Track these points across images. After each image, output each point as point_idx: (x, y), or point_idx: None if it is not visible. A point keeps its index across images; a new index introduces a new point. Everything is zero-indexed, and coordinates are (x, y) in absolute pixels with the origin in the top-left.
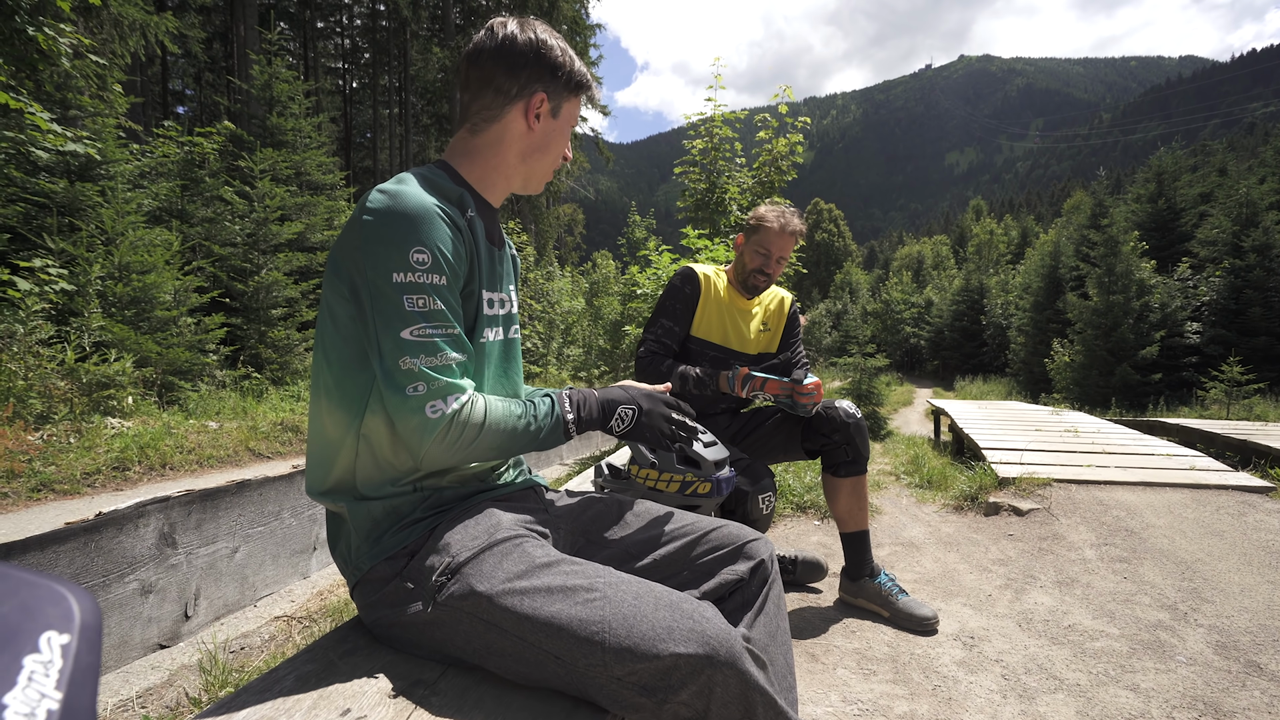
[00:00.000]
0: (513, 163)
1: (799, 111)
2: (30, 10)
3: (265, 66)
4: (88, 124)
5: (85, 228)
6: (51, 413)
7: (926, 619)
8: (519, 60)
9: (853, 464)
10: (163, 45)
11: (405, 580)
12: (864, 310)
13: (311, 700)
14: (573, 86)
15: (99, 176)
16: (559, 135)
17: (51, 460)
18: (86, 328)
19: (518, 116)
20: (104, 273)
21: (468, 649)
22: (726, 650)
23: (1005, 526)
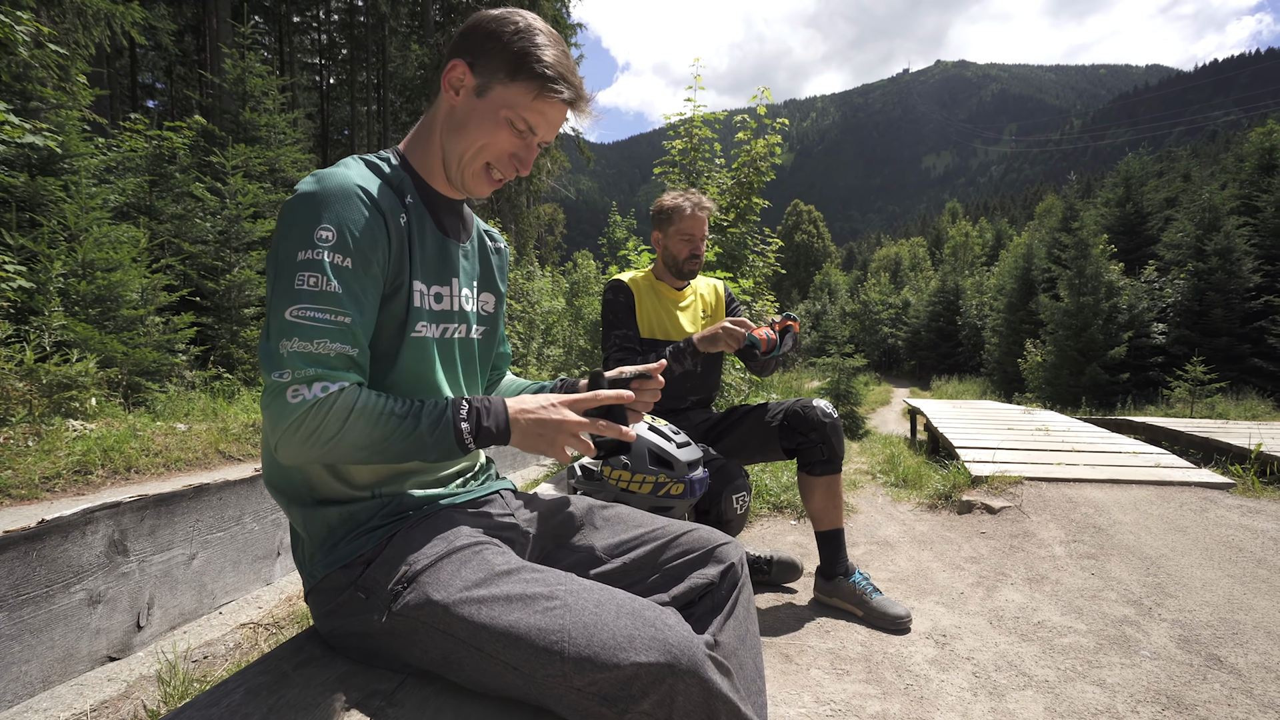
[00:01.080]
0: (438, 142)
1: (778, 113)
2: None
3: (238, 60)
4: (49, 116)
5: (47, 224)
6: (9, 415)
7: (899, 617)
8: (466, 29)
9: (828, 463)
10: (130, 37)
11: (359, 590)
12: (843, 311)
13: (261, 715)
14: (509, 67)
15: (62, 171)
16: (484, 121)
17: (8, 464)
18: (47, 327)
19: (444, 87)
20: (66, 270)
21: (425, 659)
22: (689, 659)
23: (978, 524)
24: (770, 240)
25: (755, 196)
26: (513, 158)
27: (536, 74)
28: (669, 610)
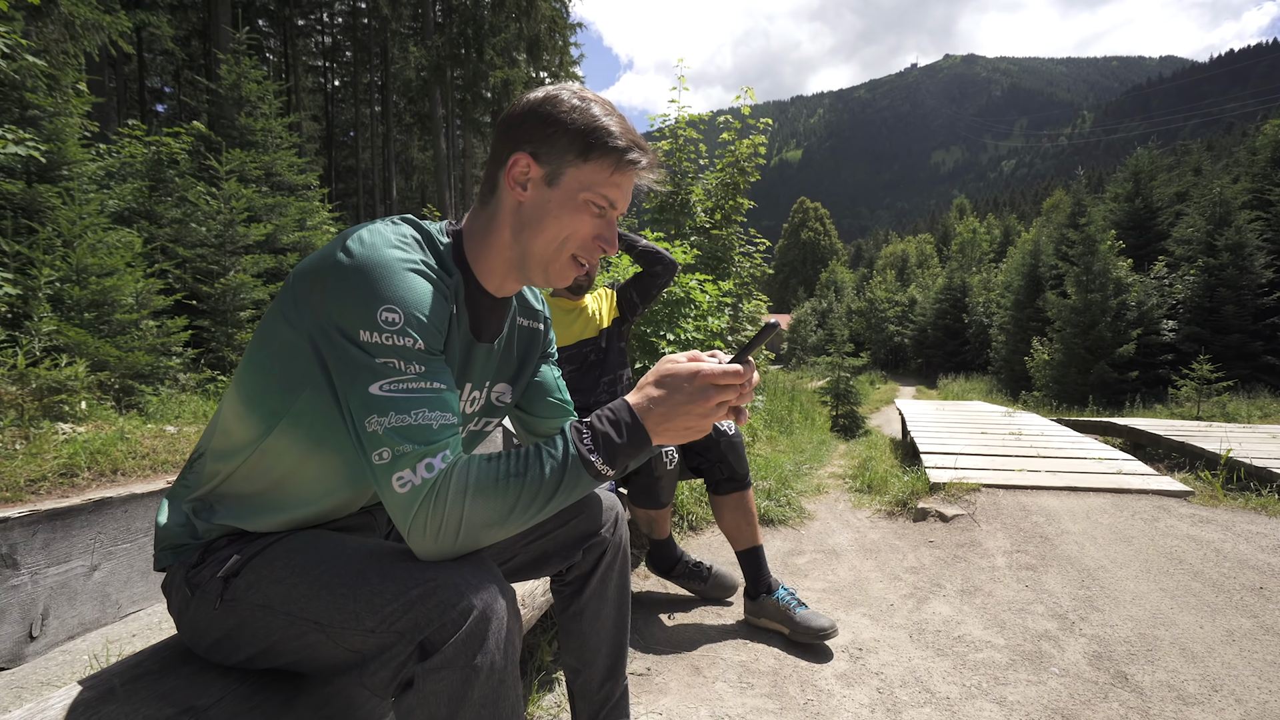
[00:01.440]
0: (507, 241)
1: (785, 110)
2: None
3: (234, 66)
4: (46, 125)
5: (43, 230)
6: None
7: (824, 629)
8: (514, 120)
9: (730, 481)
10: (137, 42)
11: (196, 584)
12: (849, 309)
13: None
14: (579, 146)
15: (60, 178)
16: (560, 209)
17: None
18: (37, 332)
19: (506, 184)
20: (58, 276)
21: (258, 647)
22: (485, 595)
23: (928, 533)
24: (757, 241)
25: (741, 197)
26: (598, 239)
27: (610, 148)
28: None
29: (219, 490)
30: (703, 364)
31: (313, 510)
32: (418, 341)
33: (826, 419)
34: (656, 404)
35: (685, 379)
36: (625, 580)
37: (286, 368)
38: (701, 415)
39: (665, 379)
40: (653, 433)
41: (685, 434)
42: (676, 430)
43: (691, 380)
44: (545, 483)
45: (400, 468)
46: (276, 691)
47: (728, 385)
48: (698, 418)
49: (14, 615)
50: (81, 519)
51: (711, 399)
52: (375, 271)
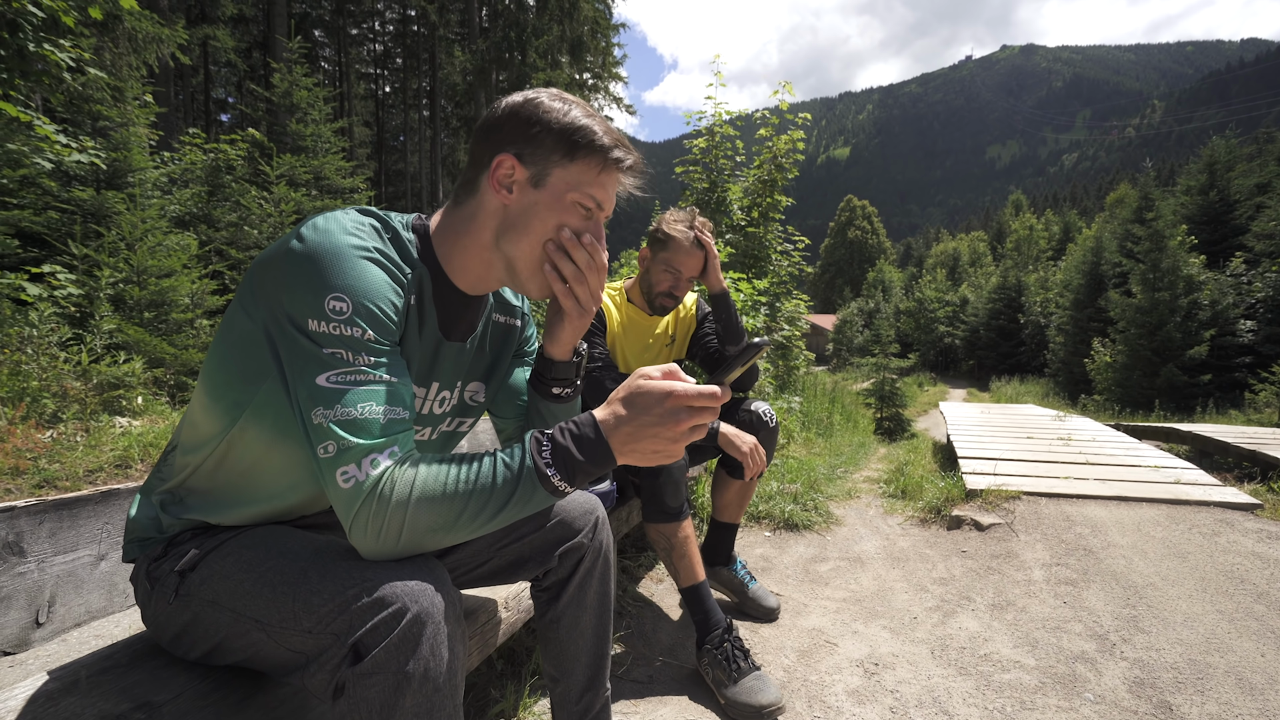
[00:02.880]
0: (487, 243)
1: (833, 106)
2: (37, 28)
3: (286, 74)
4: (114, 135)
5: (108, 234)
6: (63, 412)
7: (771, 609)
8: (498, 122)
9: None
10: (203, 56)
11: (156, 577)
12: (896, 309)
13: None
14: (564, 146)
15: (125, 184)
16: (547, 210)
17: (57, 458)
18: (98, 330)
19: (490, 186)
20: (120, 277)
21: (211, 644)
22: (421, 599)
23: (962, 542)
24: (796, 239)
25: (779, 194)
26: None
27: (597, 147)
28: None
29: (188, 484)
30: (677, 383)
31: (279, 505)
32: (366, 332)
33: (870, 421)
34: (623, 423)
35: (657, 399)
36: (606, 588)
37: (246, 359)
38: (671, 439)
39: (635, 396)
40: (618, 452)
41: (653, 457)
42: (643, 452)
43: (663, 401)
44: (495, 493)
45: (344, 462)
46: (234, 690)
47: (703, 408)
48: (667, 441)
49: (21, 602)
50: (89, 509)
51: (683, 422)
52: (325, 258)
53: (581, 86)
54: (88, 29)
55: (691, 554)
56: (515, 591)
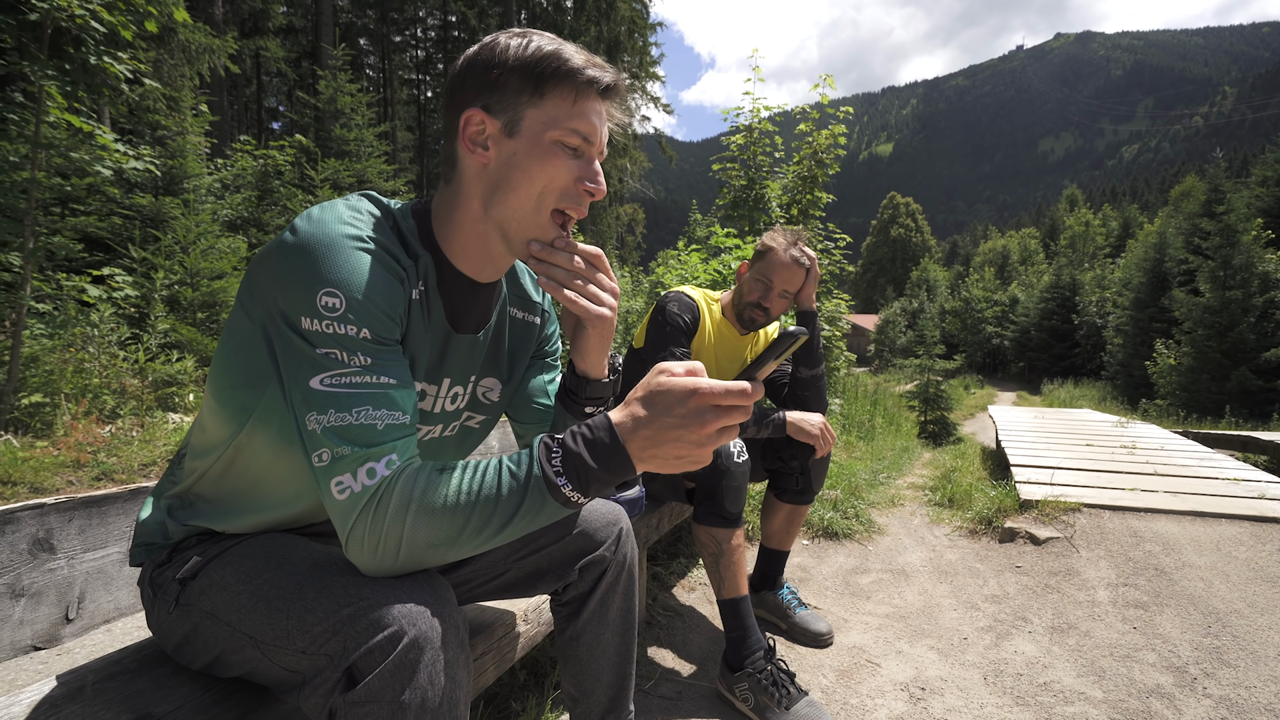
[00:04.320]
0: (478, 213)
1: (875, 101)
2: (99, 42)
3: (331, 81)
4: (170, 143)
5: (164, 238)
6: (121, 408)
7: (821, 634)
8: (456, 81)
9: (800, 493)
10: (255, 66)
11: (159, 584)
12: (942, 308)
13: None
14: (529, 80)
15: (181, 190)
16: (529, 159)
17: (115, 452)
18: (154, 330)
19: (464, 149)
20: (173, 280)
21: (211, 656)
22: (420, 622)
23: (1015, 556)
24: (837, 236)
25: (819, 191)
26: (579, 183)
27: (565, 73)
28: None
29: (195, 489)
30: (702, 380)
31: (285, 513)
32: (362, 330)
33: (913, 425)
34: (642, 425)
35: (679, 398)
36: (630, 604)
37: (248, 361)
38: (696, 443)
39: (655, 396)
40: (637, 458)
41: (676, 463)
42: (665, 458)
43: (686, 400)
44: (500, 505)
45: (339, 472)
46: (236, 704)
47: (732, 406)
48: (692, 445)
49: (51, 598)
50: (117, 507)
51: (709, 424)
52: (318, 250)
53: None
54: (145, 42)
55: (739, 565)
56: (535, 603)
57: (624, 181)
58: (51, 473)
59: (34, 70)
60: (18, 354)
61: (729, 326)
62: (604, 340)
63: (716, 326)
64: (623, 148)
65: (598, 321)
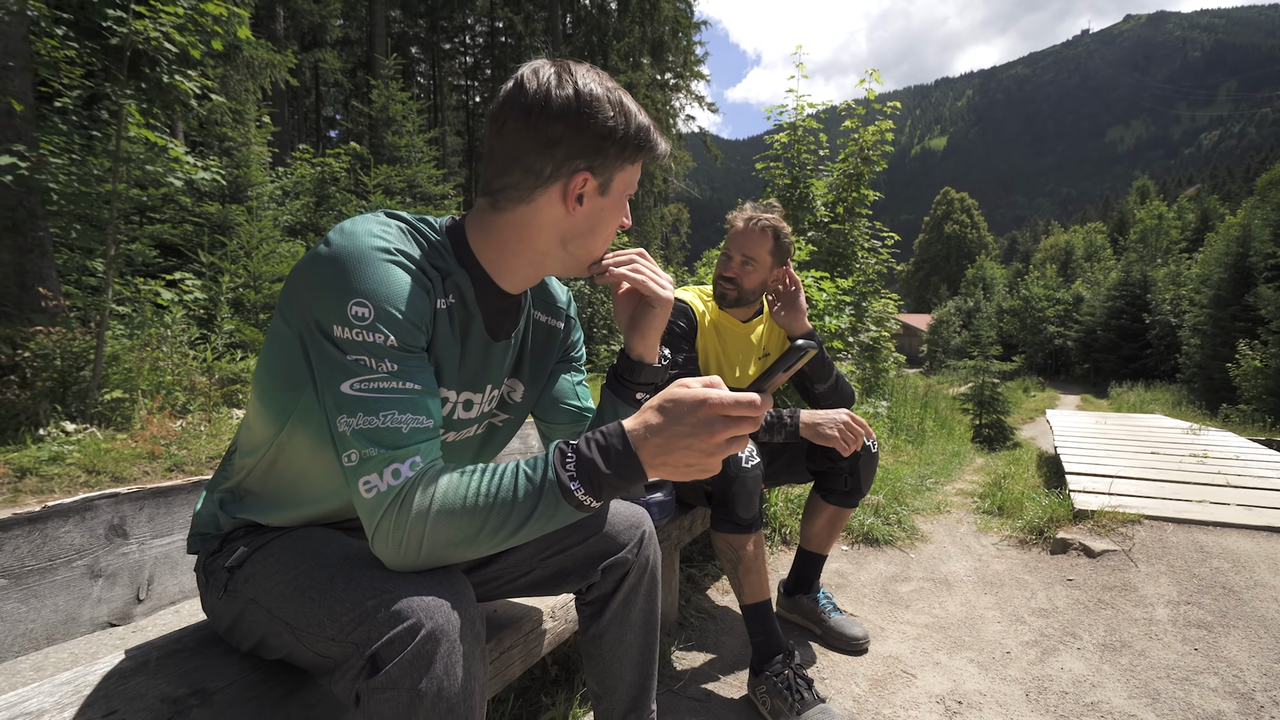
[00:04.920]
0: (545, 249)
1: (927, 94)
2: (171, 62)
3: (383, 90)
4: (236, 154)
5: (230, 243)
6: (191, 404)
7: (856, 639)
8: (554, 131)
9: (847, 495)
10: (314, 78)
11: (211, 571)
12: (999, 307)
13: (90, 697)
14: (629, 153)
15: (245, 198)
16: (610, 213)
17: (185, 445)
18: (220, 330)
19: (553, 200)
20: (238, 283)
21: (254, 640)
22: (437, 615)
23: (1068, 569)
24: (884, 235)
25: (865, 188)
26: (624, 220)
27: (650, 148)
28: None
29: (243, 484)
30: (713, 391)
31: (323, 508)
32: (389, 338)
33: (967, 429)
34: (654, 433)
35: (690, 408)
36: (652, 606)
37: (288, 365)
38: (705, 452)
39: (668, 405)
40: (648, 465)
41: (687, 471)
42: (676, 465)
43: (696, 410)
44: (516, 507)
45: (366, 472)
46: (280, 684)
47: (741, 417)
48: (701, 454)
49: (124, 579)
50: (181, 497)
51: (718, 433)
52: (349, 262)
53: (663, 86)
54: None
55: (759, 570)
56: (562, 601)
57: (668, 182)
58: (130, 463)
59: (115, 90)
60: (101, 353)
61: (729, 318)
62: (663, 322)
63: (715, 321)
64: None
65: (664, 301)
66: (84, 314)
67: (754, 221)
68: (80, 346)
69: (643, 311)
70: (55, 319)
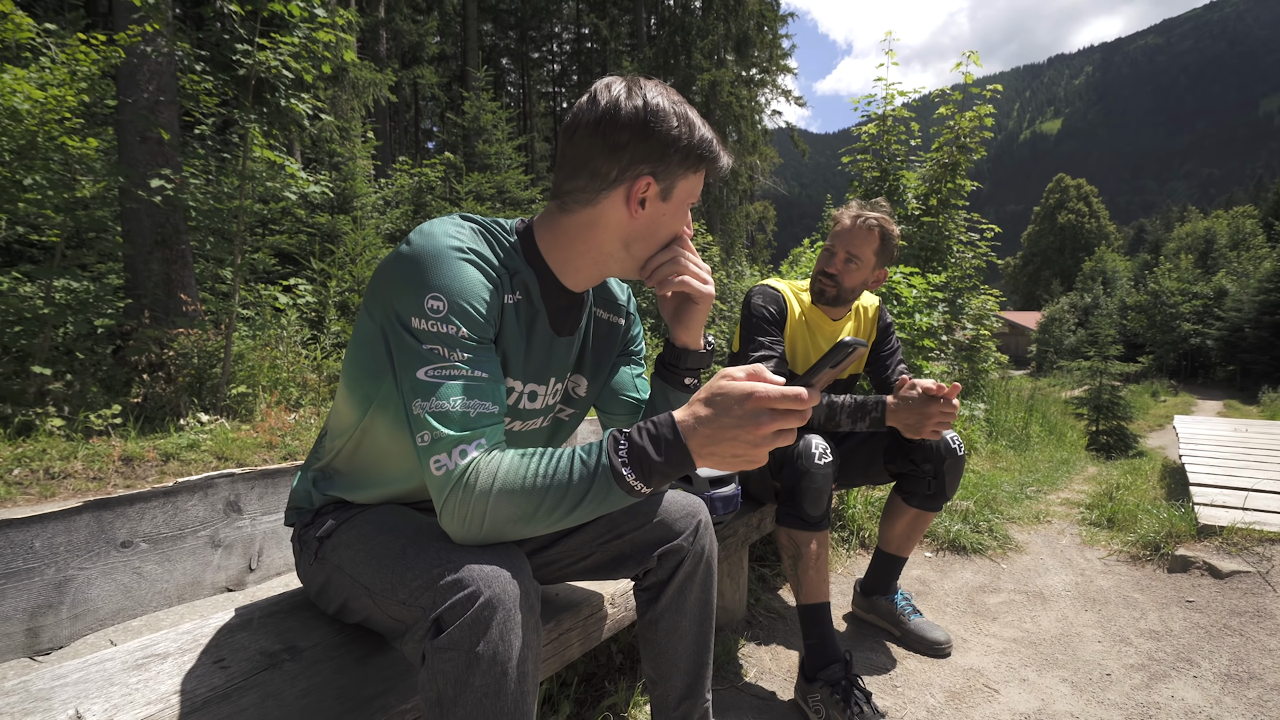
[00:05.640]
0: (609, 250)
1: (1040, 73)
2: (288, 86)
3: (474, 101)
4: (344, 168)
5: (337, 251)
6: (303, 399)
7: (939, 643)
8: (621, 137)
9: (931, 499)
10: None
11: (304, 541)
12: (1122, 303)
13: (206, 645)
14: (691, 162)
15: (350, 208)
16: (671, 218)
17: (298, 436)
18: (328, 331)
19: (617, 203)
20: (344, 287)
21: (338, 604)
22: (495, 585)
23: (1188, 589)
24: (982, 227)
25: (962, 178)
26: (685, 228)
27: (712, 158)
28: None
29: (332, 464)
30: (759, 384)
31: (401, 488)
32: (460, 329)
33: (1081, 435)
34: (703, 424)
35: (736, 400)
36: (708, 595)
37: (371, 355)
38: (752, 443)
39: (716, 397)
40: (696, 454)
41: (734, 461)
42: (723, 455)
43: (743, 402)
44: (571, 489)
45: (437, 451)
46: (360, 646)
47: (787, 410)
48: (747, 445)
49: (239, 550)
50: (286, 479)
51: (764, 425)
52: (426, 260)
53: (748, 83)
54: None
55: (821, 570)
56: (623, 589)
57: (753, 179)
58: (251, 451)
59: (242, 116)
60: (229, 352)
61: (819, 313)
62: (704, 315)
63: (806, 314)
64: (752, 144)
65: (705, 297)
66: (216, 317)
67: (861, 219)
68: (213, 346)
69: (686, 307)
70: (194, 322)
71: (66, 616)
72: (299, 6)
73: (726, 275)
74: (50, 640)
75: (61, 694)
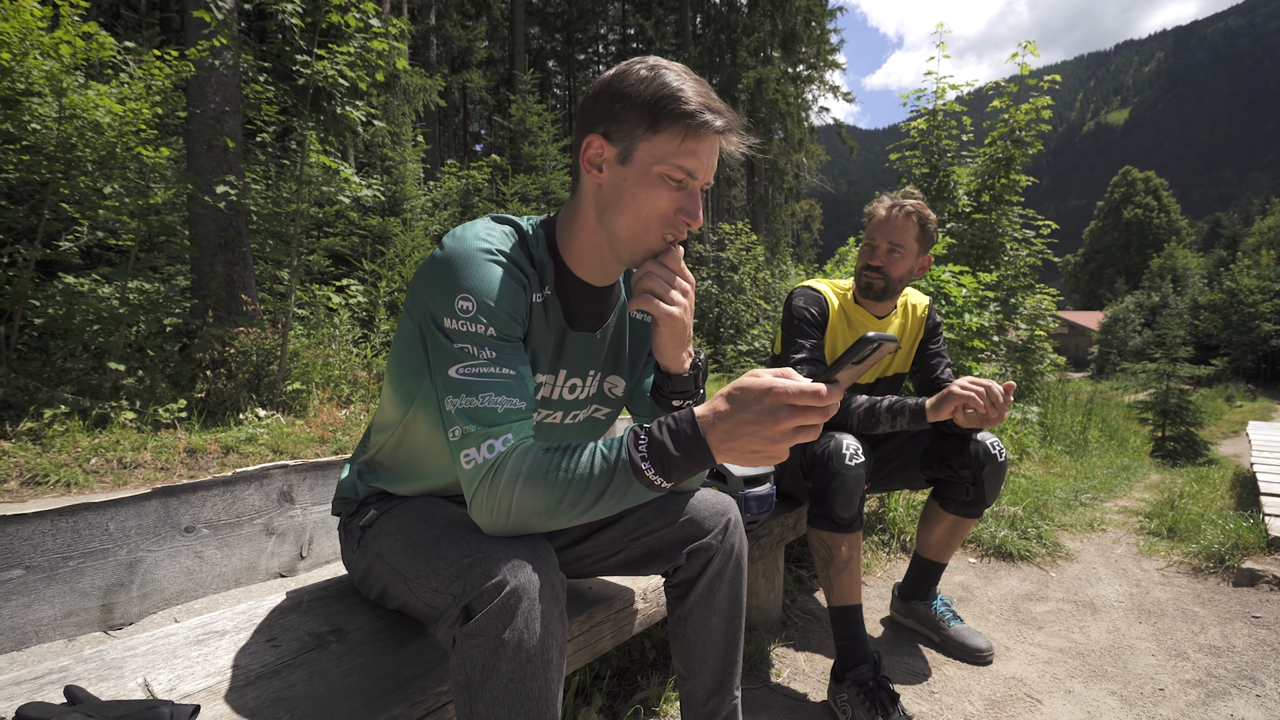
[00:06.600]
0: (593, 225)
1: (1106, 61)
2: (344, 94)
3: (520, 104)
4: (394, 172)
5: (388, 252)
6: (353, 396)
7: (980, 650)
8: (588, 102)
9: (970, 505)
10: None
11: (349, 529)
12: (1194, 302)
13: (259, 625)
14: (650, 119)
15: (401, 211)
16: (638, 188)
17: (348, 431)
18: (378, 330)
19: (583, 168)
20: (393, 287)
21: (379, 589)
22: (520, 575)
23: (1254, 604)
24: (1038, 224)
25: (1016, 173)
26: (680, 213)
27: (678, 115)
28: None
29: (377, 458)
30: (779, 380)
31: (439, 482)
32: (488, 328)
33: (1145, 441)
34: (722, 419)
35: (756, 395)
36: (737, 593)
37: (412, 355)
38: (771, 439)
39: (736, 393)
40: (715, 450)
41: (753, 457)
42: (742, 451)
43: (762, 398)
44: (592, 483)
45: (467, 445)
46: (400, 631)
47: (807, 407)
48: (766, 441)
49: (291, 538)
50: (334, 472)
51: (783, 422)
52: (457, 262)
53: (795, 79)
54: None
55: (852, 572)
56: (654, 584)
57: (799, 177)
58: (305, 446)
59: (300, 123)
60: (285, 350)
61: (862, 311)
62: (676, 340)
63: (848, 313)
64: (798, 142)
65: (662, 315)
66: (273, 317)
67: (897, 208)
68: (270, 345)
69: (655, 327)
70: (253, 321)
71: (136, 595)
72: (355, 17)
73: (771, 275)
74: (122, 617)
75: (132, 664)
